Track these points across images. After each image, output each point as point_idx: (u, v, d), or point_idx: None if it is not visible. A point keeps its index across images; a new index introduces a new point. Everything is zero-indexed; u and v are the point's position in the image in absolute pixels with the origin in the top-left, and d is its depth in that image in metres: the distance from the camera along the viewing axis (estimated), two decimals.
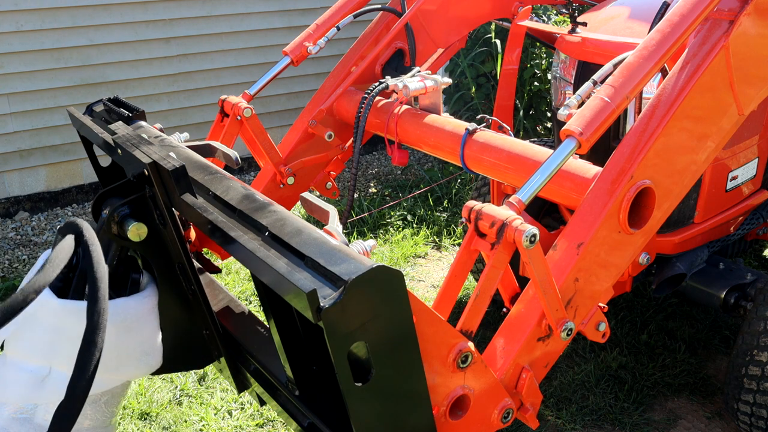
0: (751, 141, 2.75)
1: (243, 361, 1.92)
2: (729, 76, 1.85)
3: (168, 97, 5.60)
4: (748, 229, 2.98)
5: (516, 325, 1.69)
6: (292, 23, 5.90)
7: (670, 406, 3.09)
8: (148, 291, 1.82)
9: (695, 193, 2.66)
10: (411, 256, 4.52)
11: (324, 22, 2.77)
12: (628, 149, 1.76)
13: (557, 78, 2.99)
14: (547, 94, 5.53)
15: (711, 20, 1.85)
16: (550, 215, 3.24)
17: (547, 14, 5.54)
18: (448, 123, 2.35)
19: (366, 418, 1.32)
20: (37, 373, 1.67)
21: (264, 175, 2.68)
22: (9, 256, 4.77)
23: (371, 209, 5.08)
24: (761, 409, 2.51)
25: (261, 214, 1.49)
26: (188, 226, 2.30)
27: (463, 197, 5.23)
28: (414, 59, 2.83)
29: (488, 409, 1.58)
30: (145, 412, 3.12)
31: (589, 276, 1.72)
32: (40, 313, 1.67)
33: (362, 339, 1.22)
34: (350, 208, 2.59)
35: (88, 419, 1.74)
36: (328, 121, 2.68)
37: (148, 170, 1.59)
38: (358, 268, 1.19)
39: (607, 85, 1.68)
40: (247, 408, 3.16)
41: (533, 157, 2.04)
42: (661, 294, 2.77)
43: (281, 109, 6.10)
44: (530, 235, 1.47)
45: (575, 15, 2.87)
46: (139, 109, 2.09)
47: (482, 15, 3.16)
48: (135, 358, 1.78)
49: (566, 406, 3.09)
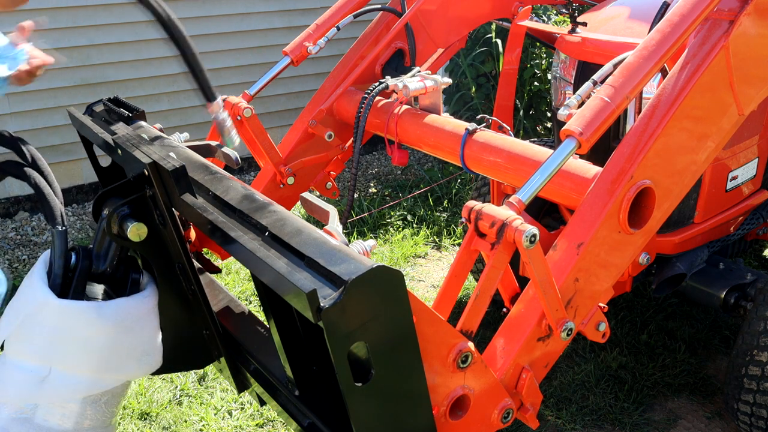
0: (751, 141, 2.75)
1: (243, 361, 1.92)
2: (729, 76, 1.85)
3: (168, 97, 5.60)
4: (748, 229, 2.98)
5: (516, 325, 1.69)
6: (292, 23, 5.90)
7: (670, 406, 3.09)
8: (148, 291, 1.82)
9: (695, 193, 2.66)
10: (411, 256, 4.52)
11: (324, 22, 2.77)
12: (628, 149, 1.76)
13: (557, 78, 2.99)
14: (547, 94, 5.53)
15: (711, 20, 1.85)
16: (550, 215, 3.24)
17: (547, 14, 5.54)
18: (448, 123, 2.35)
19: (366, 418, 1.32)
20: (37, 373, 1.67)
21: (264, 175, 2.68)
22: (9, 256, 4.77)
23: (371, 209, 5.08)
24: (761, 409, 2.51)
25: (261, 214, 1.49)
26: (188, 226, 2.30)
27: (463, 197, 5.23)
28: (414, 59, 2.83)
29: (488, 409, 1.58)
30: (145, 412, 3.12)
31: (589, 276, 1.72)
32: (40, 313, 1.67)
33: (362, 339, 1.22)
34: (350, 208, 2.59)
35: (88, 419, 1.75)
36: (328, 121, 2.68)
37: (148, 170, 1.59)
38: (358, 268, 1.19)
39: (607, 85, 1.68)
40: (247, 408, 3.16)
41: (533, 157, 2.04)
42: (661, 294, 2.77)
43: (281, 109, 6.10)
44: (530, 235, 1.47)
45: (575, 15, 2.86)
46: (139, 109, 2.09)
47: (482, 15, 3.16)
48: (135, 358, 1.78)
49: (566, 406, 3.09)
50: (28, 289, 1.72)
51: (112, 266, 1.80)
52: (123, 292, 1.82)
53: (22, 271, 4.54)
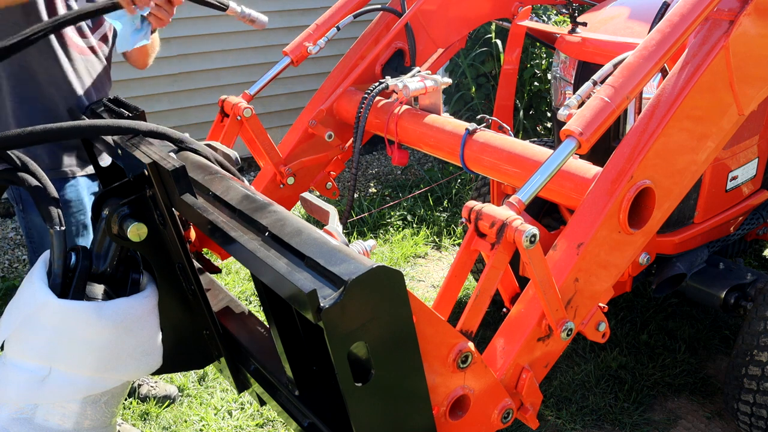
0: (751, 141, 2.75)
1: (243, 361, 1.92)
2: (729, 76, 1.84)
3: (168, 97, 5.60)
4: (748, 229, 2.98)
5: (516, 325, 1.69)
6: (292, 23, 5.89)
7: (670, 406, 3.09)
8: (148, 291, 1.82)
9: (695, 193, 2.66)
10: (411, 256, 4.52)
11: (324, 22, 2.77)
12: (628, 149, 1.76)
13: (557, 78, 2.99)
14: (547, 94, 5.53)
15: (711, 20, 1.85)
16: (550, 215, 3.24)
17: (547, 14, 5.54)
18: (448, 123, 2.35)
19: (366, 418, 1.32)
20: (37, 373, 1.67)
21: (264, 175, 2.68)
22: (9, 256, 4.77)
23: (371, 209, 5.08)
24: (761, 409, 2.51)
25: (261, 214, 1.49)
26: (188, 226, 2.30)
27: (463, 197, 5.23)
28: (414, 59, 2.83)
29: (488, 409, 1.58)
30: (145, 412, 3.12)
31: (589, 276, 1.72)
32: (40, 314, 1.67)
33: (362, 339, 1.22)
34: (350, 208, 2.59)
35: (88, 419, 1.75)
36: (328, 121, 2.68)
37: (148, 170, 1.59)
38: (358, 269, 1.18)
39: (607, 85, 1.68)
40: (247, 408, 3.16)
41: (533, 157, 2.04)
42: (661, 294, 2.77)
43: (281, 109, 6.10)
44: (530, 235, 1.47)
45: (575, 15, 2.87)
46: (139, 109, 2.09)
47: (482, 15, 3.16)
48: (135, 358, 1.78)
49: (566, 406, 3.09)
50: (28, 289, 1.72)
51: (112, 266, 1.80)
52: (123, 292, 1.82)
53: (21, 271, 4.54)
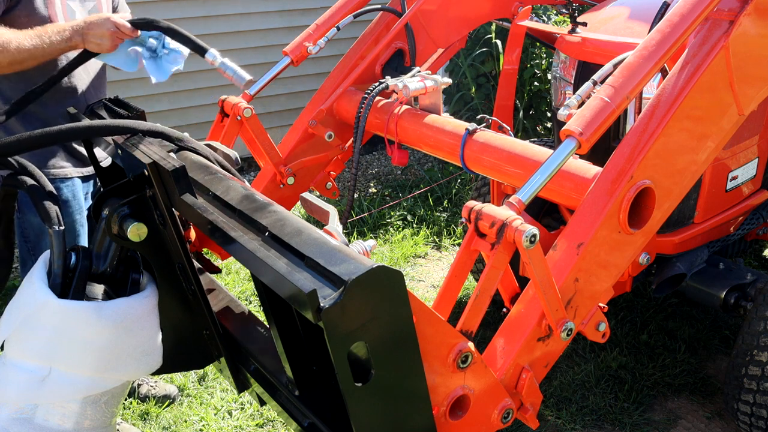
0: (751, 141, 2.75)
1: (243, 361, 1.92)
2: (729, 76, 1.84)
3: (168, 97, 5.59)
4: (748, 229, 2.98)
5: (516, 325, 1.69)
6: (292, 23, 5.89)
7: (670, 406, 3.09)
8: (148, 291, 1.82)
9: (695, 193, 2.66)
10: (411, 256, 4.52)
11: (324, 22, 2.77)
12: (628, 149, 1.76)
13: (557, 78, 2.99)
14: (547, 94, 5.53)
15: (711, 20, 1.85)
16: (550, 215, 3.24)
17: (547, 14, 5.54)
18: (448, 123, 2.35)
19: (366, 418, 1.32)
20: (37, 373, 1.67)
21: (264, 175, 2.68)
22: None
23: (371, 209, 5.08)
24: (761, 409, 2.51)
25: (261, 214, 1.49)
26: (188, 226, 2.30)
27: (463, 197, 5.23)
28: (414, 59, 2.83)
29: (488, 409, 1.58)
30: (145, 412, 3.12)
31: (589, 276, 1.72)
32: (40, 314, 1.67)
33: (362, 339, 1.22)
34: (350, 208, 2.59)
35: (88, 419, 1.75)
36: (328, 121, 2.68)
37: (148, 170, 1.59)
38: (358, 269, 1.18)
39: (607, 85, 1.68)
40: (247, 408, 3.16)
41: (533, 157, 2.04)
42: (661, 294, 2.77)
43: (281, 109, 6.10)
44: (530, 235, 1.47)
45: (575, 15, 2.87)
46: (139, 109, 2.09)
47: (482, 15, 3.16)
48: (135, 358, 1.78)
49: (566, 406, 3.09)
50: (28, 289, 1.72)
51: (112, 266, 1.80)
52: (123, 292, 1.82)
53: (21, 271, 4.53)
